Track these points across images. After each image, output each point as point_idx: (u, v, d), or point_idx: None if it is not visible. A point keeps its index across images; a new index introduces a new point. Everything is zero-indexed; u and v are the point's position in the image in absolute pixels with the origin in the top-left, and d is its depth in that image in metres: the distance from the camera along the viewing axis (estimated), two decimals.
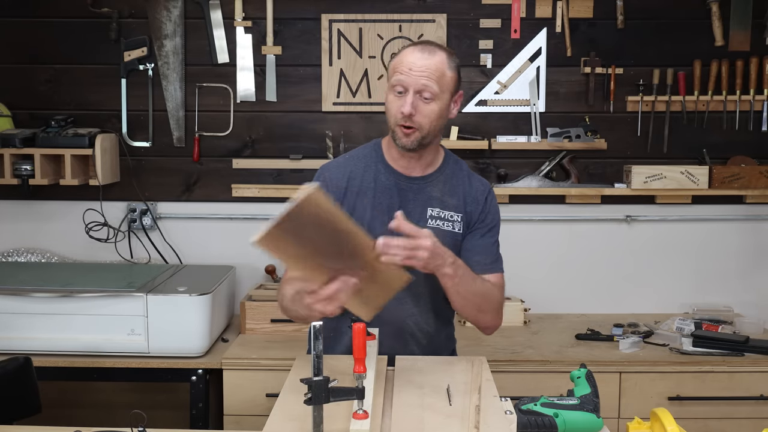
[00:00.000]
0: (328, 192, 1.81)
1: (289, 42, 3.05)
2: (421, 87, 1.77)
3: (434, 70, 1.77)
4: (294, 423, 1.44)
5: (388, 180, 1.90)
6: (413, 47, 1.82)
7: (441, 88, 1.79)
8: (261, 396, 2.47)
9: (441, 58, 1.80)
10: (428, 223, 1.88)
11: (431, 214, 1.89)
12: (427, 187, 1.90)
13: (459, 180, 1.95)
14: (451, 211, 1.91)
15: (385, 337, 1.87)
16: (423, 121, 1.79)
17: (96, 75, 3.06)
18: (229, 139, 3.08)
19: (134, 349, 2.47)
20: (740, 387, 2.51)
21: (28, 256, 3.08)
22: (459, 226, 1.91)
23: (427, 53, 1.79)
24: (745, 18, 2.99)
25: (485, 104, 3.06)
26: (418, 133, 1.80)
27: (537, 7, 3.01)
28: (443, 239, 1.84)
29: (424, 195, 1.90)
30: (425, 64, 1.77)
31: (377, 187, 1.89)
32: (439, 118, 1.82)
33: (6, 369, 2.12)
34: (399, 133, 1.81)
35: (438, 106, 1.80)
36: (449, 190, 1.92)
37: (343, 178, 1.91)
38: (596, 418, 1.59)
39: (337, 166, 1.95)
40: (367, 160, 1.94)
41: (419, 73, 1.76)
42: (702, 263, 3.11)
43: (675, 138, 3.05)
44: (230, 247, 3.08)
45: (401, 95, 1.79)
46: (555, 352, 2.58)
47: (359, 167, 1.92)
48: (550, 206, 3.08)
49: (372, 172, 1.91)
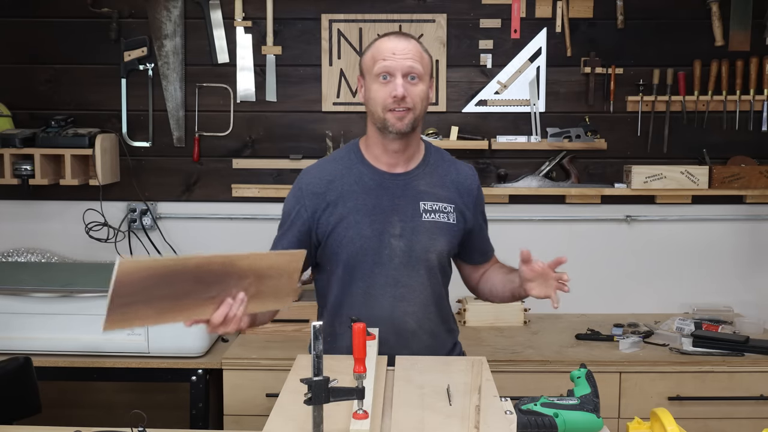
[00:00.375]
0: (303, 199, 1.85)
1: (289, 42, 3.05)
2: (407, 69, 1.78)
3: (416, 52, 1.80)
4: (294, 423, 1.44)
5: (372, 180, 1.87)
6: (387, 37, 1.83)
7: (424, 69, 1.81)
8: (261, 396, 2.47)
9: (415, 43, 1.83)
10: (423, 217, 1.86)
11: (424, 208, 1.87)
12: (413, 181, 1.88)
13: (445, 170, 1.94)
14: (444, 202, 1.90)
15: (387, 336, 1.86)
16: (415, 101, 1.79)
17: (96, 75, 3.06)
18: (229, 139, 3.08)
19: (134, 349, 2.47)
20: (740, 387, 2.51)
21: (28, 256, 3.08)
22: (453, 216, 1.90)
23: (403, 38, 1.82)
24: (745, 18, 2.99)
25: (485, 104, 3.06)
26: (411, 114, 1.79)
27: (537, 7, 3.01)
28: (440, 231, 1.87)
29: (412, 190, 1.88)
30: (406, 47, 1.79)
31: (360, 189, 1.86)
32: (425, 100, 1.83)
33: (6, 369, 2.12)
34: (391, 119, 1.79)
35: (424, 86, 1.82)
36: (438, 182, 1.91)
37: (320, 184, 1.88)
38: (596, 418, 1.59)
39: (315, 171, 1.92)
40: (345, 161, 1.91)
41: (403, 56, 1.78)
42: (702, 263, 3.11)
43: (675, 138, 3.05)
44: (230, 247, 3.03)
45: (387, 81, 1.79)
46: (555, 352, 2.58)
47: (339, 169, 1.89)
48: (550, 206, 3.08)
49: (353, 174, 1.88)
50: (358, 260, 1.85)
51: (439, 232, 1.87)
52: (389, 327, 1.87)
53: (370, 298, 1.87)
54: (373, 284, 1.86)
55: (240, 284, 1.52)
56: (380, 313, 1.87)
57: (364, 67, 1.86)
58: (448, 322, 2.01)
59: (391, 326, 1.87)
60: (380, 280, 1.86)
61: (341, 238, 1.85)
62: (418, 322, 1.90)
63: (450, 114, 3.05)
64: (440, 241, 1.87)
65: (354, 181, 1.87)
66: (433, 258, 1.88)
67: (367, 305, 1.87)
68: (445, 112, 3.05)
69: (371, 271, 1.85)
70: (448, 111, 3.05)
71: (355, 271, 1.86)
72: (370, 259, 1.85)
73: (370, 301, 1.87)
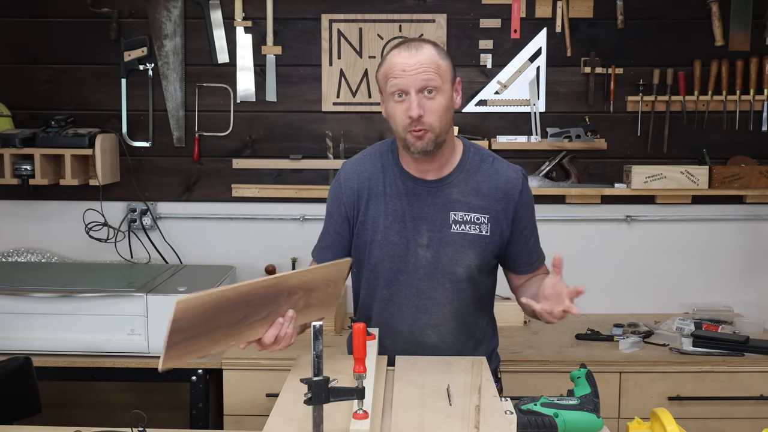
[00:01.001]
0: (342, 195, 1.82)
1: (289, 42, 3.05)
2: (421, 84, 1.68)
3: (429, 63, 1.69)
4: (294, 423, 1.44)
5: (403, 184, 1.81)
6: (398, 49, 1.73)
7: (442, 78, 1.70)
8: (261, 396, 2.47)
9: (430, 50, 1.71)
10: (452, 228, 1.78)
11: (454, 218, 1.79)
12: (446, 189, 1.80)
13: (484, 175, 1.82)
14: (477, 213, 1.79)
15: (406, 347, 1.83)
16: (432, 119, 1.70)
17: (96, 75, 3.06)
18: (229, 139, 3.08)
19: (134, 349, 2.47)
20: (740, 387, 2.51)
21: (28, 256, 3.08)
22: (486, 228, 1.79)
23: (414, 49, 1.70)
24: (745, 18, 2.99)
25: (485, 104, 3.06)
26: (430, 134, 1.70)
27: (537, 7, 3.01)
28: (470, 244, 1.79)
29: (444, 198, 1.79)
30: (417, 60, 1.68)
31: (393, 192, 1.81)
32: (447, 111, 1.73)
33: (6, 369, 2.12)
34: (411, 139, 1.71)
35: (444, 98, 1.71)
36: (472, 189, 1.80)
37: (356, 180, 1.84)
38: (596, 418, 1.59)
39: (353, 166, 1.88)
40: (382, 160, 1.85)
41: (415, 71, 1.68)
42: (702, 263, 3.11)
43: (675, 138, 3.05)
44: (230, 247, 3.08)
45: (403, 100, 1.70)
46: (555, 352, 2.58)
47: (375, 168, 1.84)
48: (550, 206, 3.08)
49: (388, 176, 1.82)
50: (384, 266, 1.83)
51: (468, 245, 1.79)
52: (409, 338, 1.84)
53: (392, 305, 1.84)
54: (397, 292, 1.83)
55: (289, 301, 1.54)
56: (401, 324, 1.85)
57: (380, 83, 1.78)
58: (475, 335, 1.91)
59: (411, 338, 1.84)
60: (404, 290, 1.83)
61: (370, 241, 1.83)
62: (440, 336, 1.85)
63: None
64: (469, 255, 1.79)
65: (389, 183, 1.82)
66: (460, 272, 1.81)
67: (390, 313, 1.85)
68: None
69: (396, 279, 1.82)
70: None
71: (380, 276, 1.84)
72: (396, 267, 1.82)
73: (392, 308, 1.85)
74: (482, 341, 1.94)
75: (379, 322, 1.87)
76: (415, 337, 1.84)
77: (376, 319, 1.87)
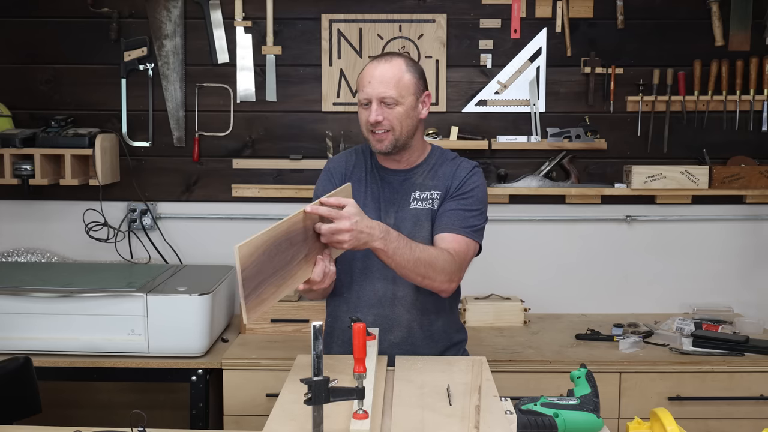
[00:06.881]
0: (333, 177, 2.08)
1: (289, 42, 3.05)
2: (380, 95, 1.90)
3: (390, 77, 1.90)
4: (294, 423, 1.44)
5: (379, 174, 2.05)
6: (373, 61, 1.96)
7: (400, 92, 1.91)
8: (261, 396, 2.47)
9: (398, 65, 1.93)
10: (410, 206, 1.99)
11: (413, 197, 2.00)
12: (412, 177, 2.03)
13: (445, 167, 2.04)
14: (431, 190, 2.00)
15: (385, 334, 1.96)
16: (393, 122, 1.92)
17: (96, 75, 3.06)
18: (229, 139, 3.08)
19: (134, 349, 2.47)
20: (740, 387, 2.51)
21: (28, 256, 3.08)
22: (437, 202, 1.99)
23: (383, 62, 1.93)
24: (745, 18, 2.99)
25: (485, 104, 3.06)
26: (391, 135, 1.93)
27: (537, 7, 3.01)
28: (424, 217, 1.96)
29: (408, 183, 2.02)
30: (382, 74, 1.91)
31: (369, 179, 2.05)
32: (407, 119, 1.93)
33: (6, 369, 2.12)
34: (372, 140, 1.96)
35: (403, 108, 1.92)
36: (432, 175, 2.02)
37: (343, 166, 2.10)
38: (596, 418, 1.59)
39: (339, 158, 2.14)
40: (363, 155, 2.10)
41: (378, 83, 1.90)
42: (702, 263, 3.11)
43: (675, 138, 3.05)
44: (230, 247, 3.05)
45: (367, 107, 1.93)
46: (555, 352, 2.58)
47: (358, 159, 2.10)
48: (550, 206, 3.08)
49: (368, 165, 2.07)
50: None
51: (424, 219, 1.98)
52: (379, 311, 1.97)
53: (365, 279, 2.00)
54: (370, 266, 1.99)
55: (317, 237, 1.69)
56: (371, 297, 1.98)
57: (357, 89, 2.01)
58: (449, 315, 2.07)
59: (381, 310, 1.98)
60: (376, 263, 1.94)
61: None
62: (405, 307, 1.98)
63: (450, 114, 3.05)
64: (425, 228, 1.97)
65: (368, 171, 2.07)
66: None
67: (362, 287, 2.00)
68: (445, 112, 3.05)
69: (369, 253, 1.90)
70: (448, 111, 3.05)
71: (357, 252, 1.94)
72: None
73: (365, 282, 2.00)
74: (456, 319, 2.11)
75: (353, 294, 2.02)
76: (384, 309, 1.98)
77: (354, 291, 2.02)
